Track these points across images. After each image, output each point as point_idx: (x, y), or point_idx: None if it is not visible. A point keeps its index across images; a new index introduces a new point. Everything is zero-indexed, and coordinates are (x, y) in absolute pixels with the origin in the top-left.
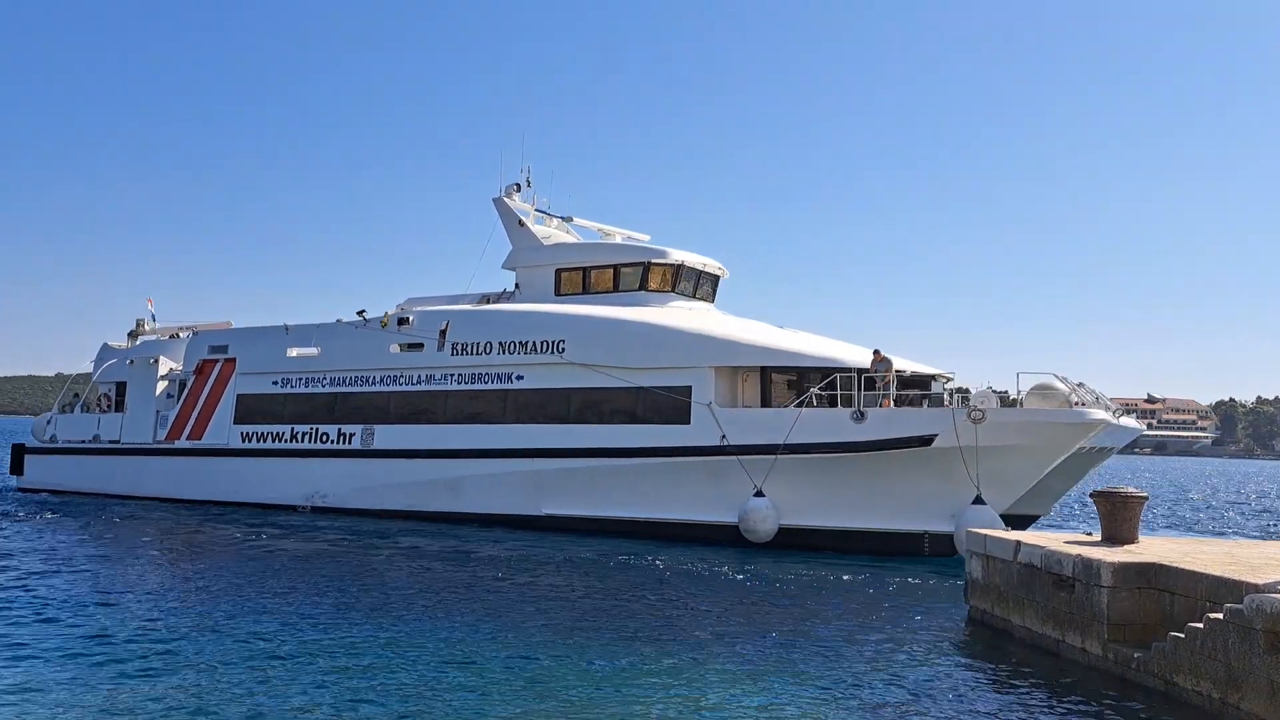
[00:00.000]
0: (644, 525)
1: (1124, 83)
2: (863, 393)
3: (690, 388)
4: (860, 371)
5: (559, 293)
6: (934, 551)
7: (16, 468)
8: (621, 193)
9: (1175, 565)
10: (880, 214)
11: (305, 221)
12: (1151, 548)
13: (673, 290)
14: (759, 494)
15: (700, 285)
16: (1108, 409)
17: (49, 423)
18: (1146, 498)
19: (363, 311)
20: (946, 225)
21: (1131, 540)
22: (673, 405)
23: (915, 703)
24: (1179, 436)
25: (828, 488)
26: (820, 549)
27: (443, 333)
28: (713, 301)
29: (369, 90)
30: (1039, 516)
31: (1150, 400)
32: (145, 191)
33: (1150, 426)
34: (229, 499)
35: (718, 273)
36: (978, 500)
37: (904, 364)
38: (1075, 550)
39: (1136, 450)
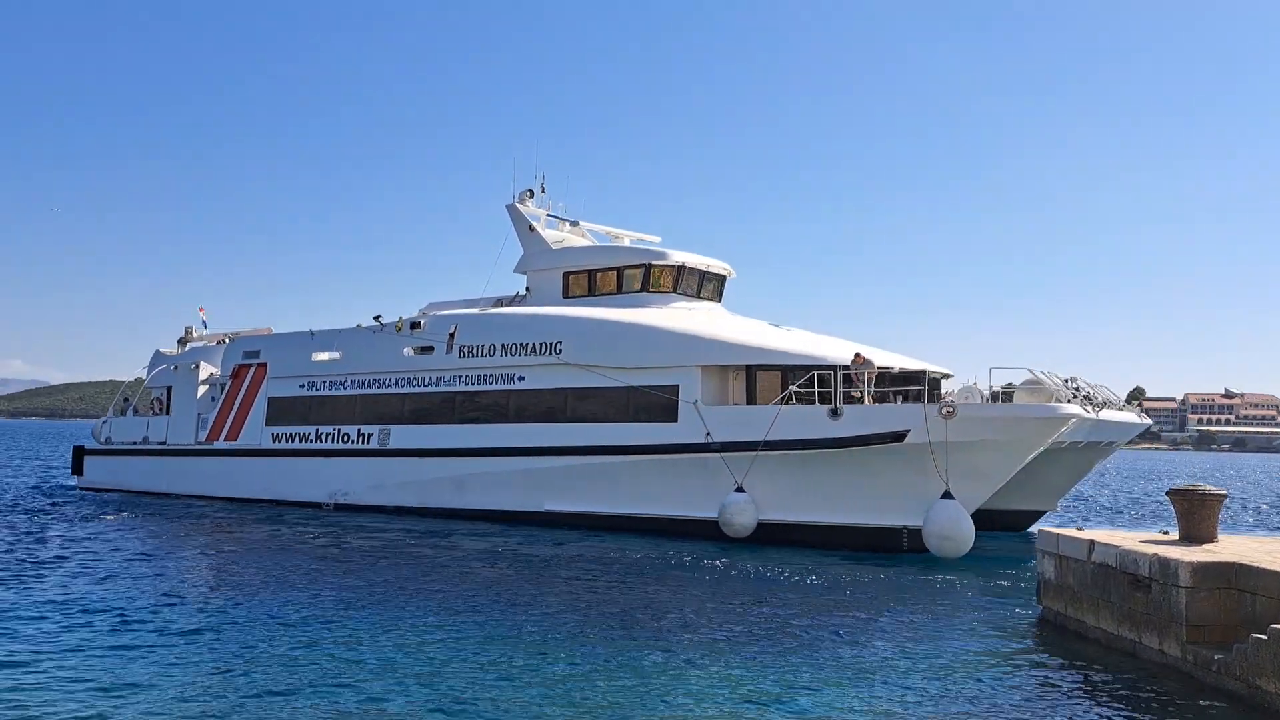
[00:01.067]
0: (636, 521)
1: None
2: (839, 390)
3: (678, 386)
4: (836, 369)
5: (567, 295)
6: (912, 547)
7: (77, 468)
8: (639, 196)
9: (1257, 565)
10: (918, 220)
11: (338, 231)
12: (1231, 547)
13: (674, 291)
14: (739, 489)
15: (704, 285)
16: (1096, 404)
17: (105, 425)
18: (1225, 495)
19: (379, 317)
20: (1001, 226)
21: (1210, 539)
22: (661, 404)
23: (991, 704)
24: (1258, 433)
25: (806, 483)
26: (799, 544)
27: (451, 336)
28: (719, 301)
29: (395, 109)
30: (1045, 512)
31: (1228, 395)
32: (201, 210)
33: (1228, 422)
34: (262, 497)
35: (722, 273)
36: (946, 495)
37: (905, 362)
38: (1152, 550)
39: (1214, 448)
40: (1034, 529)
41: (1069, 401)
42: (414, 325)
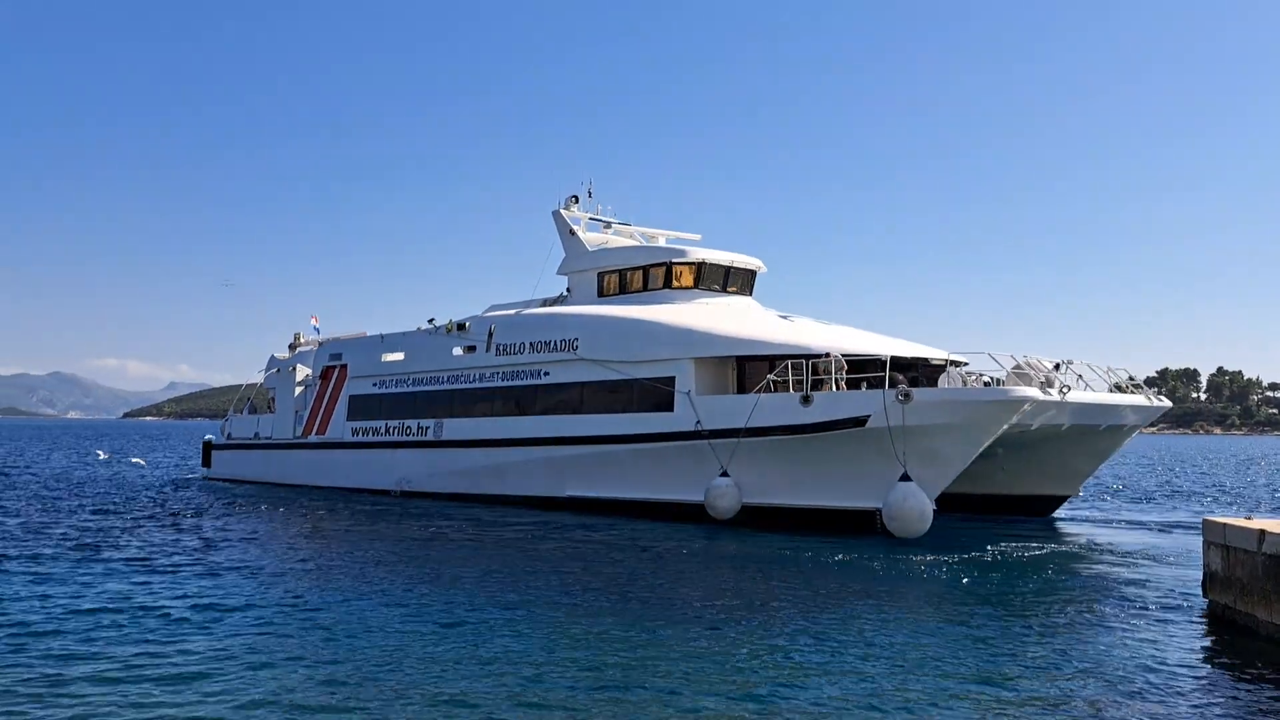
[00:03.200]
0: (642, 506)
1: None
2: (810, 377)
3: (674, 378)
4: (808, 359)
5: (601, 294)
6: (887, 528)
7: (206, 461)
8: (695, 198)
9: None
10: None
11: (418, 239)
12: None
13: (696, 287)
14: (724, 474)
15: (730, 280)
16: (1065, 388)
17: (228, 423)
18: None
19: (433, 320)
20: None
21: None
22: (659, 394)
23: (1161, 701)
24: None
25: (785, 468)
26: (781, 527)
27: (490, 336)
28: (749, 294)
29: (469, 124)
30: (1069, 497)
31: None
32: (327, 227)
33: None
34: (345, 485)
35: (750, 267)
36: (904, 478)
37: (915, 350)
38: None
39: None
40: (1204, 519)
41: (1051, 386)
42: (460, 326)
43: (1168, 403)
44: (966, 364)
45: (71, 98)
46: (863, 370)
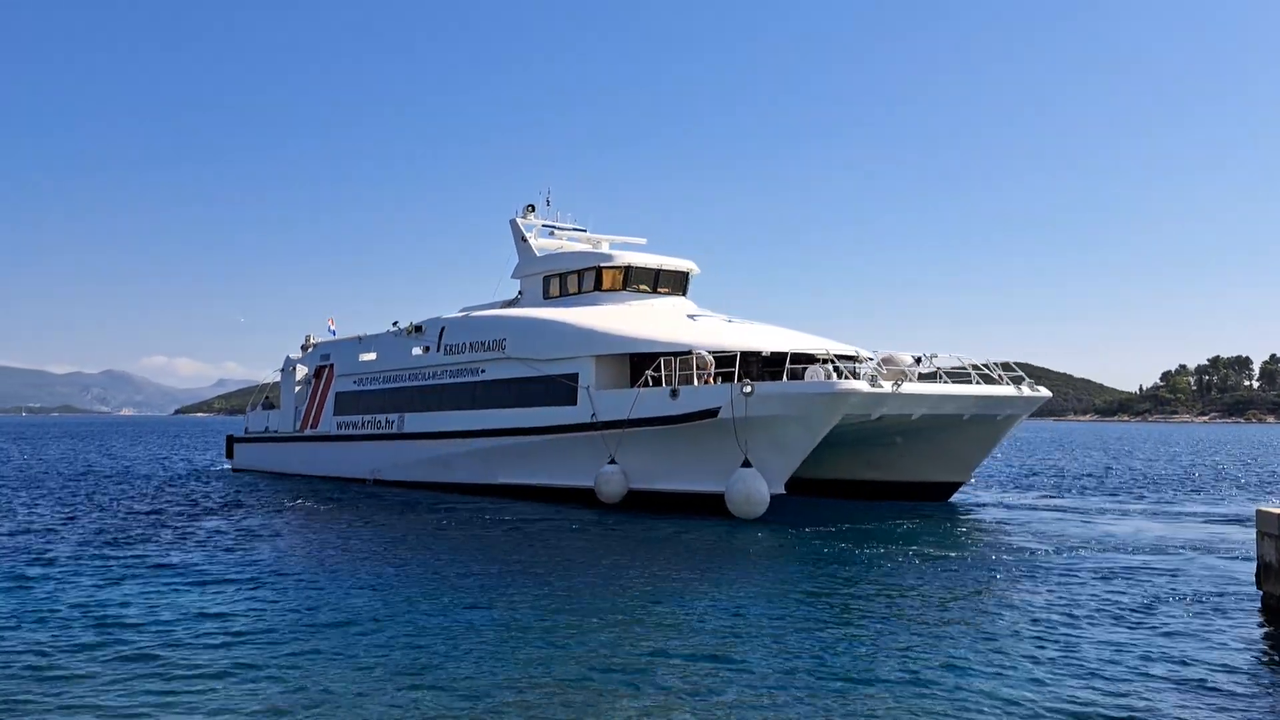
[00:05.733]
0: (556, 491)
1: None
2: (676, 373)
3: (577, 374)
4: (677, 355)
5: (546, 297)
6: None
7: (229, 453)
8: (662, 207)
9: None
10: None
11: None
12: None
13: (625, 289)
14: (612, 461)
15: (661, 282)
16: (899, 380)
17: (247, 418)
18: None
19: (396, 322)
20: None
21: None
22: (566, 390)
23: (1218, 698)
24: None
25: (660, 455)
26: (661, 510)
27: (440, 337)
28: (684, 295)
29: (431, 133)
30: (962, 483)
31: None
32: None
33: None
34: (332, 474)
35: (680, 269)
36: (745, 464)
37: (816, 345)
38: None
39: None
40: (1257, 508)
41: (894, 380)
42: (417, 329)
43: (1046, 393)
44: (857, 357)
45: (106, 99)
46: (777, 365)
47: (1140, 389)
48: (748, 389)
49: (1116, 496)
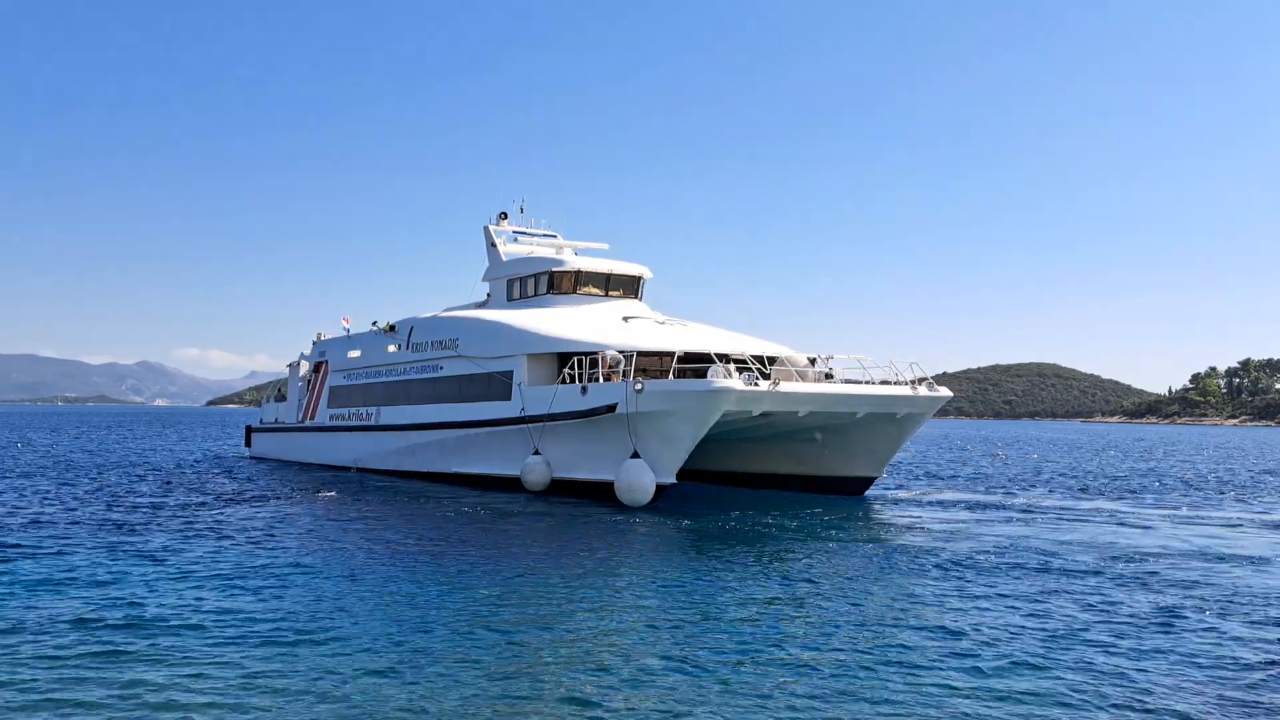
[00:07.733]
0: (495, 479)
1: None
2: (586, 370)
3: (512, 372)
4: (587, 355)
5: (509, 299)
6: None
7: (248, 441)
8: (621, 212)
9: None
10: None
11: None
12: None
13: (575, 292)
14: (536, 452)
15: (612, 285)
16: (775, 379)
17: (263, 410)
18: None
19: (375, 321)
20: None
21: None
22: (502, 386)
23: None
24: None
25: (574, 447)
26: (581, 497)
27: (409, 336)
28: (636, 298)
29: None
30: (875, 478)
31: None
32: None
33: None
34: (325, 462)
35: (631, 273)
36: (634, 455)
37: (759, 346)
38: None
39: None
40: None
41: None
42: (391, 328)
43: (946, 392)
44: (776, 359)
45: (130, 93)
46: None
47: (1170, 391)
48: (638, 386)
49: (1014, 496)
